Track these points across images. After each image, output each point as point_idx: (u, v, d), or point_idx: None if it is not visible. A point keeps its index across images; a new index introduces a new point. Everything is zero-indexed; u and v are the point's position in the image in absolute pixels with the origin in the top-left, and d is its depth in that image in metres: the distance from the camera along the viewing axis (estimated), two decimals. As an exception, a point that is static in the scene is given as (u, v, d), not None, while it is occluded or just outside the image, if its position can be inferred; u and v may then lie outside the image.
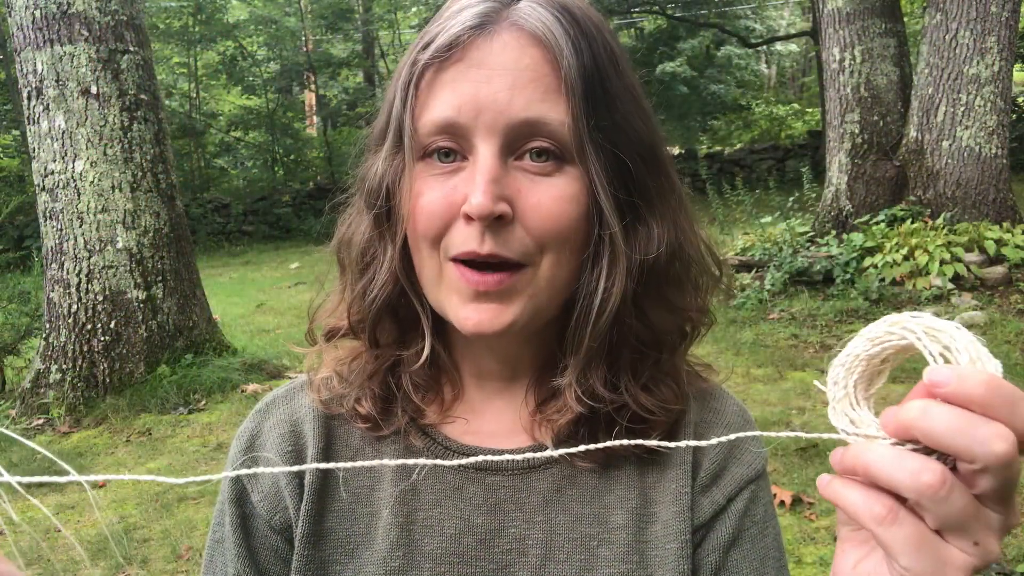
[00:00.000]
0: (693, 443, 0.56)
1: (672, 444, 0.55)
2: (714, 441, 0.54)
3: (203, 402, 5.28)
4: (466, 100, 0.67)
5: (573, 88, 0.67)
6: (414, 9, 20.31)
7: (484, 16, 0.69)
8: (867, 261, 6.87)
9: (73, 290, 5.42)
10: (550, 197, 0.68)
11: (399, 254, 0.74)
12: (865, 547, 0.53)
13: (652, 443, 0.55)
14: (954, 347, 0.47)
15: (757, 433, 0.57)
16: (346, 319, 0.80)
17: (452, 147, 0.69)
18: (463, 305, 0.70)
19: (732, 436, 0.54)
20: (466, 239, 0.68)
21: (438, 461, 0.51)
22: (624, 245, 0.71)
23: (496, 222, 0.67)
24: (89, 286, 5.41)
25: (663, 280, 0.74)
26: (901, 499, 0.48)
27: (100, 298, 5.43)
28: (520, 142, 0.68)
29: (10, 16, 5.39)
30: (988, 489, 0.46)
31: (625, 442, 0.56)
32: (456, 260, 0.69)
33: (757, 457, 0.82)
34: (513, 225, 0.68)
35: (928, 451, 0.47)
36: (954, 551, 0.47)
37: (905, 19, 8.98)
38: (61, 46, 5.30)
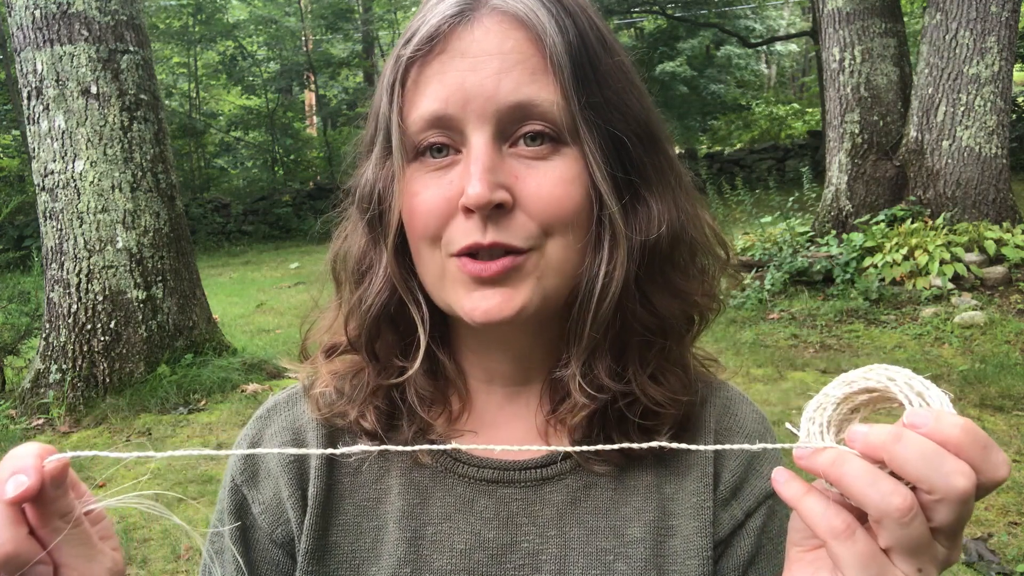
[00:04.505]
0: (712, 447, 0.58)
1: (695, 447, 0.57)
2: (710, 447, 0.54)
3: (203, 402, 5.28)
4: (453, 91, 0.65)
5: (561, 67, 0.65)
6: (414, 9, 20.28)
7: (463, 4, 0.67)
8: (867, 261, 6.87)
9: (73, 290, 5.41)
10: (550, 180, 0.66)
11: (394, 258, 0.72)
12: (812, 567, 0.54)
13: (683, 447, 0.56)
14: (927, 394, 0.51)
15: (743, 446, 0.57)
16: (344, 334, 0.77)
17: (444, 142, 0.67)
18: (468, 296, 0.67)
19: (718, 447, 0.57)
20: (467, 232, 0.65)
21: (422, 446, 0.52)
22: (624, 226, 0.68)
23: (496, 211, 0.65)
24: (89, 286, 5.41)
25: (666, 263, 0.71)
26: (858, 515, 0.50)
27: (100, 298, 5.43)
28: (513, 127, 0.66)
29: (10, 16, 5.39)
30: (942, 522, 0.47)
31: (650, 444, 0.57)
32: (458, 255, 0.67)
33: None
34: (514, 212, 0.66)
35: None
36: (899, 573, 0.49)
37: (905, 19, 8.98)
38: (61, 46, 5.29)
